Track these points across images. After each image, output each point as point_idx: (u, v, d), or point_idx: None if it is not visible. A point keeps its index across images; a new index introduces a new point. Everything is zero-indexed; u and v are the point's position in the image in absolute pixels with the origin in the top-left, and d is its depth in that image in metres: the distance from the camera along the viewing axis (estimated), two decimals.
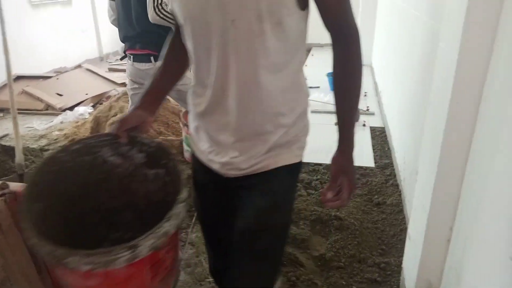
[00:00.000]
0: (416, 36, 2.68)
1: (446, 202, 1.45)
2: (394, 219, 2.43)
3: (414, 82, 2.61)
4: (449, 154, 1.38)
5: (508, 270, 1.01)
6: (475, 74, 1.25)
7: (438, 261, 1.55)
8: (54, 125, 4.14)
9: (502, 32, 1.14)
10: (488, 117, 1.21)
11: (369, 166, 3.10)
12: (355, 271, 2.01)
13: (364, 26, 6.20)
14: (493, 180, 1.15)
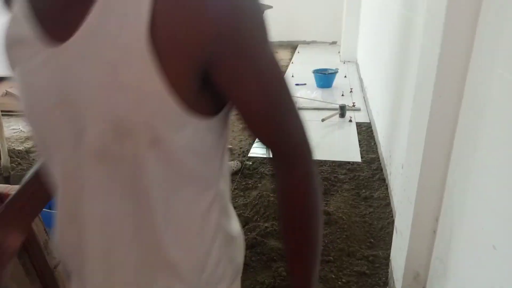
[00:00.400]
0: (398, 32, 2.72)
1: (431, 194, 1.48)
2: (381, 213, 2.47)
3: (396, 77, 2.64)
4: (432, 147, 1.40)
5: (492, 259, 1.04)
6: (457, 67, 1.28)
7: (425, 252, 1.58)
8: None
9: (483, 25, 1.17)
10: (470, 110, 1.24)
11: (356, 161, 3.14)
12: (344, 265, 2.04)
13: (348, 22, 6.26)
14: (476, 171, 1.18)
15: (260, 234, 2.21)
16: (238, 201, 2.64)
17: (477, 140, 1.17)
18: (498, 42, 1.06)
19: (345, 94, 4.79)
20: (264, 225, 2.29)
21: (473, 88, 1.22)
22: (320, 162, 3.11)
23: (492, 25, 1.11)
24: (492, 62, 1.10)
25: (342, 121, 4.00)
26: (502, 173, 1.02)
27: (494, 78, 1.08)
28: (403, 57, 2.54)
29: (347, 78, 5.46)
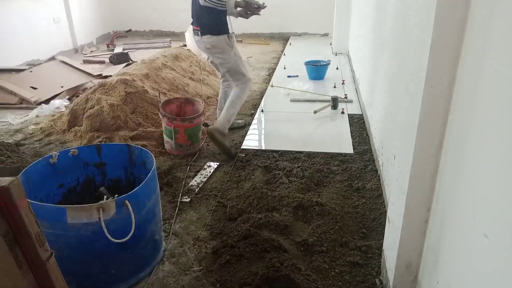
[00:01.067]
0: (389, 23, 2.72)
1: (423, 184, 1.49)
2: (374, 203, 2.49)
3: (387, 68, 2.65)
4: (424, 137, 1.41)
5: (483, 247, 1.06)
6: (448, 58, 1.28)
7: (417, 241, 1.60)
8: (30, 119, 4.03)
9: (473, 16, 1.17)
10: (462, 100, 1.25)
11: (348, 152, 3.15)
12: (337, 255, 2.06)
13: (340, 13, 6.24)
14: (468, 160, 1.19)
15: (254, 225, 2.22)
16: (231, 193, 2.64)
17: (468, 130, 1.18)
18: (489, 32, 1.07)
19: (337, 86, 4.79)
20: (258, 217, 2.29)
21: (464, 78, 1.23)
22: (312, 153, 3.12)
23: (482, 16, 1.12)
24: (483, 53, 1.10)
25: (335, 113, 4.01)
26: (493, 163, 1.03)
27: (485, 68, 1.08)
28: (394, 48, 2.55)
29: (339, 70, 5.46)
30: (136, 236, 1.75)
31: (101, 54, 6.99)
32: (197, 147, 3.28)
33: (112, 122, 3.37)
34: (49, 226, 1.63)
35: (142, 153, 2.13)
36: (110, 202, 1.68)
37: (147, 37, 8.44)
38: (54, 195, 2.09)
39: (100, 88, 3.69)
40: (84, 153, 2.16)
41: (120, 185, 2.27)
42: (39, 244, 1.18)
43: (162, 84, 4.15)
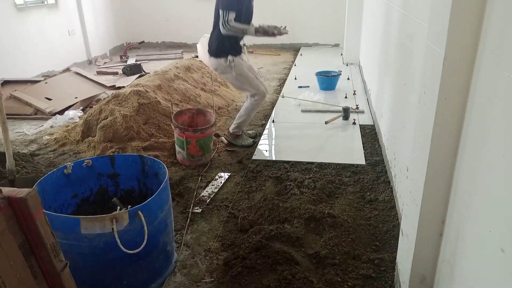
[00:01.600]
0: (400, 34, 2.72)
1: (438, 196, 1.47)
2: (386, 215, 2.46)
3: (400, 79, 2.64)
4: (438, 148, 1.40)
5: (500, 262, 1.04)
6: (462, 70, 1.27)
7: (431, 255, 1.58)
8: (44, 130, 4.10)
9: (487, 28, 1.17)
10: (476, 112, 1.24)
11: (360, 163, 3.13)
12: (350, 268, 2.03)
13: (351, 24, 6.26)
14: (483, 172, 1.17)
15: (265, 237, 2.21)
16: (242, 204, 2.64)
17: (483, 142, 1.17)
18: (503, 44, 1.06)
19: (349, 97, 4.79)
20: (269, 228, 2.29)
21: (479, 90, 1.22)
22: (324, 164, 3.11)
23: (496, 28, 1.11)
24: (497, 64, 1.10)
25: (346, 124, 4.00)
26: (509, 175, 1.02)
27: (500, 80, 1.07)
28: (406, 59, 2.54)
29: (350, 80, 5.45)
30: (148, 247, 1.76)
31: (114, 65, 7.10)
32: (209, 157, 3.29)
33: (125, 133, 3.41)
34: (63, 237, 1.65)
35: (154, 164, 2.15)
36: (123, 213, 1.69)
37: (160, 49, 8.56)
38: (68, 205, 2.11)
39: (113, 99, 3.74)
40: (98, 163, 2.19)
41: (133, 196, 2.29)
42: (54, 255, 1.19)
43: (174, 95, 4.20)
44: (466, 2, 1.20)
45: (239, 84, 3.40)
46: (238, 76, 3.34)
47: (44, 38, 6.25)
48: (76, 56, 7.04)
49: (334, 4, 7.55)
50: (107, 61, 7.54)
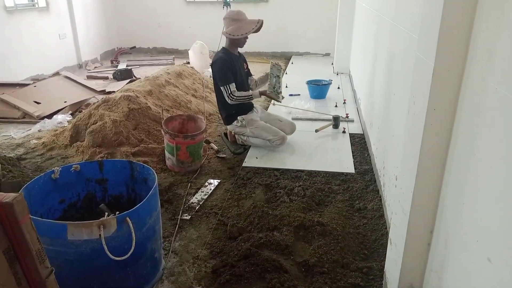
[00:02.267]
0: (390, 44, 2.75)
1: (426, 206, 1.48)
2: (375, 224, 2.47)
3: (389, 89, 2.67)
4: (427, 159, 1.42)
5: (486, 271, 1.05)
6: (450, 81, 1.30)
7: (419, 264, 1.59)
8: (32, 134, 4.04)
9: (476, 40, 1.19)
10: (465, 123, 1.26)
11: (349, 172, 3.15)
12: (339, 276, 2.03)
13: (341, 34, 6.32)
14: (471, 183, 1.19)
15: (254, 245, 2.20)
16: (232, 211, 2.63)
17: (471, 153, 1.19)
18: (491, 56, 1.08)
19: (339, 105, 4.82)
20: (258, 236, 2.28)
21: (467, 101, 1.24)
22: (314, 172, 3.12)
23: (484, 40, 1.13)
24: (485, 76, 1.12)
25: (336, 132, 4.02)
26: (496, 186, 1.03)
27: (487, 91, 1.09)
28: (396, 70, 2.57)
29: (340, 89, 5.50)
30: (136, 254, 1.74)
31: (105, 70, 7.06)
32: (199, 164, 3.28)
33: (115, 138, 3.38)
34: (49, 243, 1.62)
35: (144, 170, 2.13)
36: (111, 219, 1.67)
37: (151, 54, 8.54)
38: (55, 211, 2.08)
39: (103, 104, 3.71)
40: (86, 168, 2.16)
41: (121, 202, 2.26)
42: (40, 261, 1.17)
43: (165, 101, 4.18)
44: (455, 15, 1.22)
45: (258, 135, 3.54)
46: (254, 130, 3.53)
47: (34, 41, 6.20)
48: (66, 60, 6.99)
49: (326, 14, 7.63)
50: (97, 66, 7.50)
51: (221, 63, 3.38)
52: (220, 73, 3.37)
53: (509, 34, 1.00)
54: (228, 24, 3.43)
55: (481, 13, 1.17)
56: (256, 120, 3.58)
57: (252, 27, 3.38)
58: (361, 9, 5.12)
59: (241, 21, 3.42)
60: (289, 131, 3.73)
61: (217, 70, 3.40)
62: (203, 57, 6.69)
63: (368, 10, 4.30)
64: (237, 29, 3.38)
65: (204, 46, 6.67)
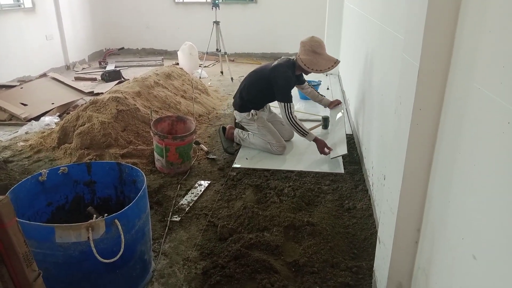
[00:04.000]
0: (377, 46, 2.78)
1: (413, 204, 1.50)
2: (364, 223, 2.49)
3: (377, 89, 2.70)
4: (414, 158, 1.44)
5: (472, 268, 1.07)
6: (435, 82, 1.32)
7: (408, 262, 1.61)
8: (19, 136, 3.99)
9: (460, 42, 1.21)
10: (449, 122, 1.28)
11: (339, 172, 3.17)
12: (328, 276, 2.05)
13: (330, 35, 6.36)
14: (456, 181, 1.21)
15: (245, 245, 2.20)
16: (222, 212, 2.63)
17: (456, 151, 1.21)
18: (474, 57, 1.11)
19: None
20: (249, 236, 2.28)
21: (452, 101, 1.26)
22: (303, 173, 3.13)
23: (468, 42, 1.16)
24: (469, 77, 1.14)
25: (325, 133, 4.04)
26: (480, 185, 1.05)
27: (472, 92, 1.12)
28: (383, 71, 2.60)
29: (330, 90, 5.53)
30: (125, 256, 1.73)
31: (93, 71, 7.00)
32: (188, 165, 3.27)
33: (103, 140, 3.36)
34: (37, 246, 1.60)
35: (132, 171, 2.12)
36: (100, 221, 1.66)
37: (140, 55, 8.50)
38: (43, 214, 2.06)
39: (91, 106, 3.68)
40: (74, 171, 2.14)
41: (110, 204, 2.25)
42: (27, 264, 1.16)
43: (154, 102, 4.17)
44: (440, 17, 1.25)
45: (262, 135, 3.55)
46: (261, 128, 3.54)
47: (20, 42, 6.12)
48: (53, 61, 6.91)
49: (315, 15, 7.67)
50: (85, 67, 7.43)
51: (287, 82, 3.41)
52: (284, 90, 3.38)
53: (490, 36, 1.02)
54: (305, 52, 3.37)
55: (464, 16, 1.19)
56: (265, 120, 3.64)
57: (328, 66, 3.35)
58: (350, 11, 5.16)
59: (321, 55, 3.36)
60: (287, 137, 3.80)
61: (282, 86, 3.38)
62: (192, 58, 6.68)
63: (356, 12, 4.34)
64: (314, 63, 3.34)
65: (193, 47, 6.65)
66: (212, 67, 7.38)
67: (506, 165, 0.92)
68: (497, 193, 0.96)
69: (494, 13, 1.01)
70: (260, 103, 3.64)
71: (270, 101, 3.73)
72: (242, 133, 3.68)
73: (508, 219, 0.90)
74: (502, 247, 0.92)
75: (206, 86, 5.49)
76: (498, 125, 0.96)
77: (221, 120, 4.51)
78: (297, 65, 3.46)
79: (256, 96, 3.56)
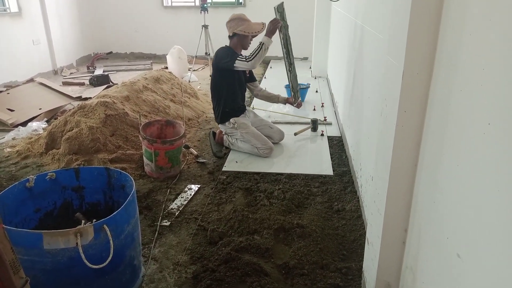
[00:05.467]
0: (363, 48, 2.82)
1: (400, 205, 1.53)
2: (353, 225, 2.52)
3: (363, 92, 2.73)
4: (399, 159, 1.46)
5: (456, 266, 1.09)
6: (420, 84, 1.34)
7: (395, 262, 1.63)
8: (6, 142, 3.94)
9: (442, 45, 1.24)
10: (434, 124, 1.30)
11: (328, 174, 3.19)
12: (318, 277, 2.06)
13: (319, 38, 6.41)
14: (440, 182, 1.23)
15: (235, 249, 2.21)
16: (212, 216, 2.63)
17: (440, 152, 1.23)
18: (457, 61, 1.13)
19: (317, 109, 4.88)
20: (239, 240, 2.29)
21: (436, 103, 1.29)
22: (293, 175, 3.15)
23: (449, 45, 1.18)
24: (451, 79, 1.16)
25: (314, 135, 4.07)
26: (464, 185, 1.07)
27: (454, 94, 1.14)
28: (369, 73, 2.63)
29: (319, 93, 5.57)
30: (114, 262, 1.72)
31: (81, 76, 6.95)
32: (178, 169, 3.26)
33: (91, 145, 3.34)
34: (25, 252, 1.59)
35: (121, 176, 2.11)
36: (88, 227, 1.65)
37: (128, 59, 8.45)
38: (31, 220, 2.04)
39: (79, 111, 3.66)
40: (62, 176, 2.13)
41: (99, 209, 2.23)
42: (14, 272, 1.15)
43: (143, 106, 4.15)
44: (423, 21, 1.27)
45: (247, 140, 3.58)
46: (245, 134, 3.58)
47: (6, 47, 6.05)
48: (41, 66, 6.84)
49: (303, 19, 7.72)
50: (73, 72, 7.37)
51: (227, 49, 3.55)
52: (226, 55, 3.48)
53: (470, 38, 1.05)
54: (237, 24, 3.53)
55: (446, 19, 1.22)
56: (247, 124, 3.65)
57: (261, 27, 3.56)
58: (337, 14, 5.21)
59: (249, 21, 3.57)
60: (277, 139, 3.82)
61: (222, 54, 3.51)
62: (181, 62, 6.67)
63: (343, 15, 4.38)
64: (248, 27, 3.52)
65: (182, 50, 6.65)
66: (202, 71, 7.38)
67: (488, 165, 0.94)
68: (480, 193, 0.98)
69: (473, 17, 1.04)
70: (230, 101, 3.66)
71: (233, 88, 3.68)
72: (231, 138, 3.69)
73: (491, 218, 0.92)
74: (485, 246, 0.95)
75: (196, 89, 5.49)
76: (480, 126, 0.98)
77: (211, 123, 4.51)
78: (235, 42, 3.59)
79: (220, 95, 3.63)
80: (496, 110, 0.91)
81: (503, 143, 0.87)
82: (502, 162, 0.87)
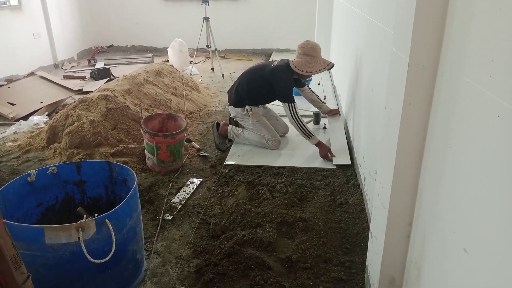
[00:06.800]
0: (367, 40, 2.78)
1: (404, 198, 1.51)
2: (356, 218, 2.50)
3: (368, 85, 2.70)
4: (404, 152, 1.44)
5: (463, 261, 1.07)
6: (425, 76, 1.32)
7: (400, 256, 1.61)
8: (7, 136, 3.93)
9: (449, 36, 1.21)
10: (439, 116, 1.28)
11: (331, 167, 3.18)
12: (321, 271, 2.05)
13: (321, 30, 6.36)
14: (447, 176, 1.21)
15: (237, 242, 2.20)
16: (214, 209, 2.62)
17: (447, 145, 1.21)
18: (465, 51, 1.10)
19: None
20: (241, 233, 2.28)
21: (442, 95, 1.26)
22: (295, 168, 3.13)
23: (456, 36, 1.15)
24: (458, 70, 1.14)
25: (317, 128, 4.04)
26: (471, 178, 1.05)
27: (461, 85, 1.12)
28: (373, 65, 2.60)
29: (321, 86, 5.53)
30: (116, 256, 1.71)
31: (82, 69, 6.92)
32: (180, 163, 3.25)
33: (93, 139, 3.32)
34: (26, 247, 1.58)
35: (123, 170, 2.10)
36: (90, 221, 1.64)
37: (129, 53, 8.41)
38: (32, 214, 2.03)
39: (80, 104, 3.64)
40: (64, 170, 2.12)
41: (100, 203, 2.22)
42: (15, 267, 1.14)
43: (144, 100, 4.13)
44: (429, 12, 1.24)
45: (257, 130, 3.55)
46: (256, 122, 3.55)
47: (7, 41, 6.01)
48: (41, 59, 6.81)
49: (305, 11, 7.66)
50: (74, 65, 7.34)
51: (288, 83, 3.40)
52: (286, 92, 3.38)
53: (479, 29, 1.02)
54: (298, 56, 3.39)
55: (453, 9, 1.19)
56: (260, 115, 3.64)
57: (320, 68, 3.33)
58: (339, 5, 5.16)
59: (313, 58, 3.35)
60: (282, 132, 3.81)
61: (283, 87, 3.38)
62: (182, 55, 6.63)
63: (346, 6, 4.33)
64: (304, 64, 3.34)
65: (183, 43, 6.61)
66: (203, 64, 7.34)
67: (496, 158, 0.92)
68: (488, 187, 0.96)
69: (482, 6, 1.01)
70: (257, 101, 3.65)
71: (267, 101, 3.76)
72: (236, 129, 3.67)
73: (499, 212, 0.90)
74: (492, 240, 0.93)
75: (197, 83, 5.46)
76: (488, 119, 0.96)
77: (213, 117, 4.49)
78: (295, 69, 3.44)
79: (254, 94, 3.57)
80: (506, 102, 0.88)
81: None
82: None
